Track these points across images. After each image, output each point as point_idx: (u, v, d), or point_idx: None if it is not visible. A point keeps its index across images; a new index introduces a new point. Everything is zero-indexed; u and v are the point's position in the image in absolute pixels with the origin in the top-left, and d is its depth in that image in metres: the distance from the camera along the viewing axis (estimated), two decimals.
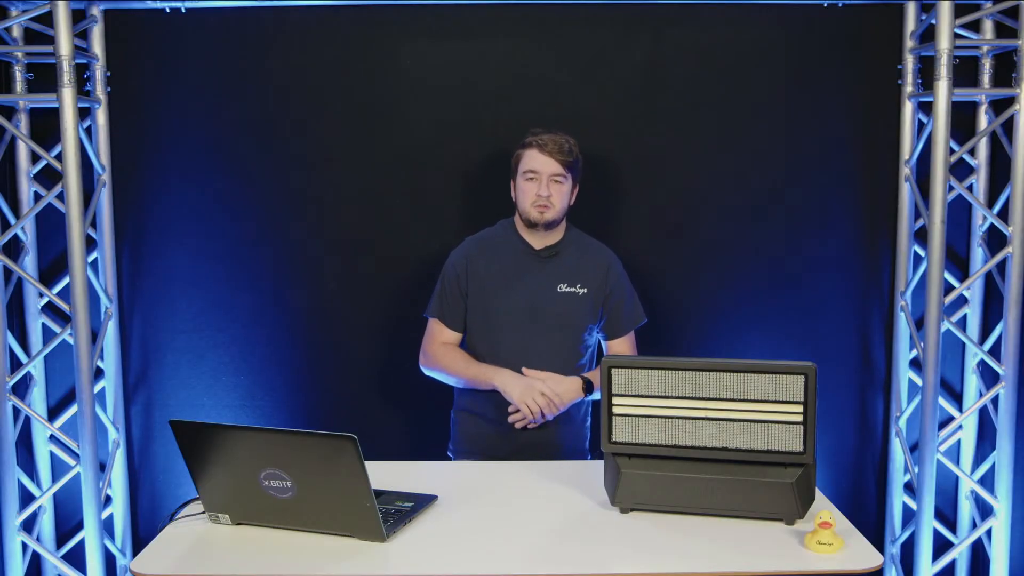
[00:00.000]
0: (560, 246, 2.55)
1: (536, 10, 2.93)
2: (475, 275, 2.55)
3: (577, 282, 2.52)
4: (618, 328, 2.60)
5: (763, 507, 1.80)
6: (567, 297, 2.52)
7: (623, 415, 1.86)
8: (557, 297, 2.52)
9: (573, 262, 2.55)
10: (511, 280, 2.53)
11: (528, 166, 2.47)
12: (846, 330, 3.07)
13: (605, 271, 2.56)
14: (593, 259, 2.57)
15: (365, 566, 1.66)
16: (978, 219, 3.00)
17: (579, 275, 2.53)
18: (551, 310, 2.51)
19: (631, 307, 2.61)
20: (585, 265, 2.55)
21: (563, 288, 2.52)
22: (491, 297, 2.53)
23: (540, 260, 2.53)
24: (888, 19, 2.92)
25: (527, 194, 2.47)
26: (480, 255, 2.56)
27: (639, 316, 2.63)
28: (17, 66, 2.85)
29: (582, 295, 2.52)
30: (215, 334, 3.04)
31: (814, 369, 1.76)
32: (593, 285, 2.54)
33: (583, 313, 2.53)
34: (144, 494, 3.11)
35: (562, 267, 2.53)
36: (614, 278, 2.57)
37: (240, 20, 2.91)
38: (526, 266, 2.53)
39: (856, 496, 3.14)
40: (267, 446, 1.73)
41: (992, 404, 2.94)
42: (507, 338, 2.51)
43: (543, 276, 2.53)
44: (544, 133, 2.48)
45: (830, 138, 2.99)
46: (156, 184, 2.99)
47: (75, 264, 2.68)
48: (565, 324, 2.52)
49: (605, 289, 2.55)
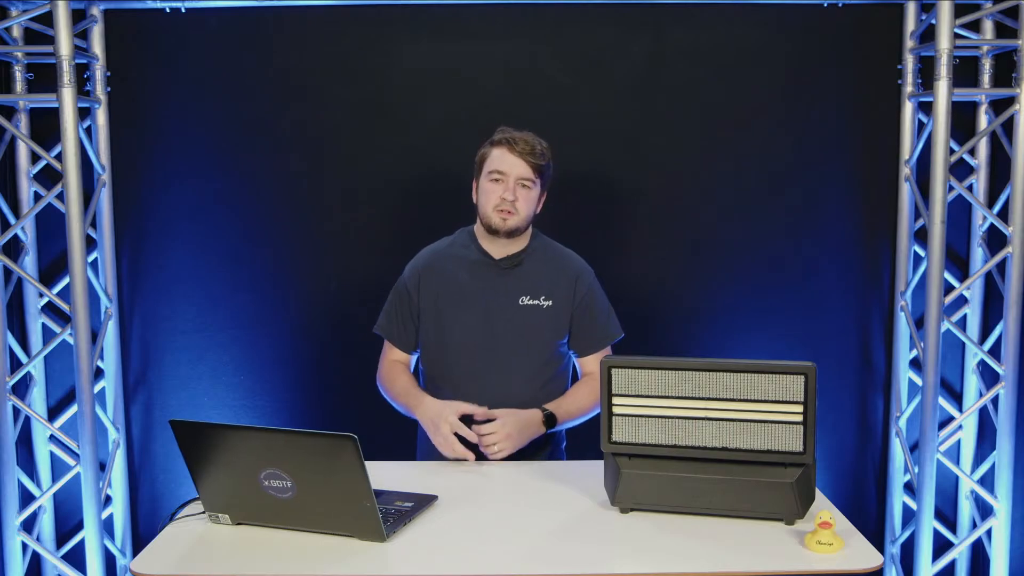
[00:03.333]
0: (523, 255, 2.33)
1: (536, 10, 2.93)
2: (427, 291, 2.34)
3: (541, 294, 2.30)
4: (588, 344, 2.36)
5: (763, 507, 1.80)
6: (529, 311, 2.30)
7: (623, 415, 1.85)
8: (518, 312, 2.30)
9: (537, 272, 2.32)
10: (467, 295, 2.31)
11: (494, 166, 2.26)
12: (846, 330, 3.07)
13: (573, 281, 2.33)
14: (560, 268, 2.34)
15: (365, 566, 1.66)
16: (978, 219, 3.00)
17: (543, 286, 2.31)
18: (511, 327, 2.29)
19: (604, 321, 2.37)
20: (550, 275, 2.33)
21: (525, 301, 2.30)
22: (444, 315, 2.32)
23: (500, 271, 2.31)
24: (888, 19, 2.93)
25: (490, 197, 2.26)
26: (434, 268, 2.35)
27: (614, 331, 2.38)
28: (17, 66, 2.85)
29: (546, 308, 2.30)
30: (215, 334, 3.04)
31: (814, 369, 1.76)
32: (559, 296, 2.31)
33: (548, 328, 2.31)
34: (144, 494, 3.11)
35: (524, 278, 2.31)
36: (583, 289, 2.34)
37: (240, 20, 2.91)
38: (484, 279, 2.31)
39: (856, 496, 3.14)
40: (267, 446, 1.73)
41: (992, 404, 2.94)
42: (462, 360, 2.30)
43: (503, 289, 2.31)
44: (515, 131, 2.29)
45: (830, 138, 2.99)
46: (156, 184, 2.99)
47: (75, 264, 2.68)
48: (527, 341, 2.30)
49: (573, 301, 2.32)
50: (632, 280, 2.97)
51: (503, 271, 2.32)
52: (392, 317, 2.40)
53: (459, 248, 2.38)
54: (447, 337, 2.33)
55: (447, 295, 2.33)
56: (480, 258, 2.34)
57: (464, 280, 2.33)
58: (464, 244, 2.38)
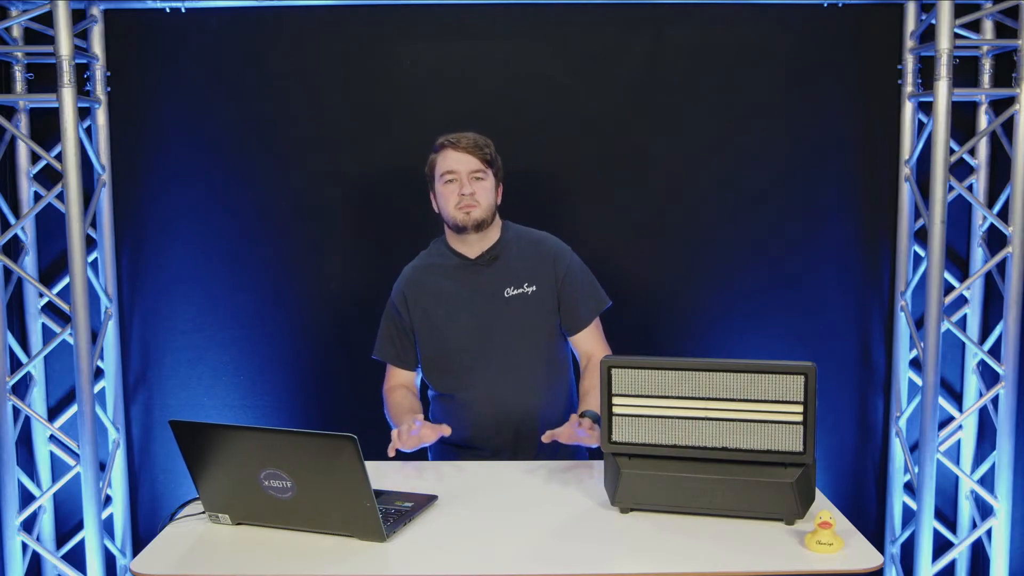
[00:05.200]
0: (498, 248, 2.37)
1: (536, 10, 2.93)
2: (415, 305, 2.38)
3: (524, 281, 2.34)
4: (577, 319, 2.37)
5: (763, 507, 1.80)
6: (516, 300, 2.34)
7: (623, 415, 1.86)
8: (506, 304, 2.34)
9: (516, 262, 2.36)
10: (454, 300, 2.36)
11: (445, 167, 2.32)
12: (846, 330, 3.07)
13: (552, 262, 2.36)
14: (537, 253, 2.38)
15: (365, 566, 1.66)
16: (978, 219, 3.00)
17: (524, 273, 2.35)
18: (502, 319, 2.33)
19: (588, 293, 2.39)
20: (529, 261, 2.36)
21: (510, 292, 2.34)
22: (436, 323, 2.37)
23: (479, 269, 2.36)
24: (888, 19, 2.92)
25: (449, 198, 2.31)
26: (417, 283, 2.40)
27: (600, 301, 2.41)
28: (17, 66, 2.85)
29: (532, 293, 2.34)
30: (215, 334, 3.04)
31: (814, 369, 1.76)
32: (541, 280, 2.35)
33: (539, 313, 2.35)
34: (144, 494, 3.11)
35: (505, 270, 2.35)
36: (563, 268, 2.36)
37: (240, 20, 2.91)
38: (466, 280, 2.36)
39: (856, 496, 3.14)
40: (267, 446, 1.73)
41: (992, 404, 2.94)
42: (463, 363, 2.35)
43: (486, 285, 2.35)
44: (454, 133, 2.36)
45: (830, 138, 2.99)
46: (156, 184, 2.99)
47: (75, 264, 2.68)
48: (521, 330, 2.34)
49: (556, 282, 2.35)
50: (632, 280, 2.97)
51: (482, 268, 2.37)
52: (388, 339, 2.46)
53: (436, 257, 2.44)
54: (444, 344, 2.38)
55: (435, 304, 2.38)
56: (458, 262, 2.39)
57: (447, 286, 2.38)
58: (440, 252, 2.43)
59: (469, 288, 2.37)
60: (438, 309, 2.38)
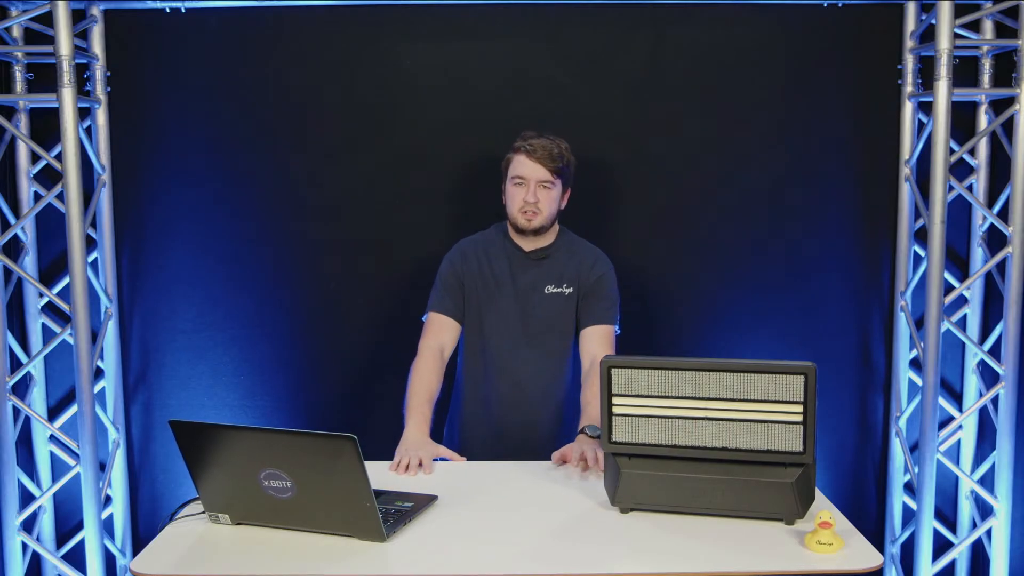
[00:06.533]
0: (550, 249, 2.52)
1: (536, 10, 2.93)
2: (468, 273, 2.52)
3: (564, 282, 2.49)
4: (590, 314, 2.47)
5: (763, 507, 1.80)
6: (554, 298, 2.49)
7: (623, 415, 1.86)
8: (544, 299, 2.49)
9: (561, 264, 2.52)
10: (501, 283, 2.51)
11: (516, 172, 2.43)
12: (846, 330, 3.07)
13: (589, 268, 2.51)
14: (580, 259, 2.53)
15: (365, 566, 1.66)
16: (978, 219, 3.00)
17: (565, 275, 2.50)
18: (539, 310, 2.49)
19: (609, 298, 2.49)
20: (572, 265, 2.51)
21: (551, 289, 2.50)
22: (481, 298, 2.51)
23: (530, 262, 2.51)
24: (888, 19, 2.93)
25: (515, 200, 2.44)
26: (471, 258, 2.54)
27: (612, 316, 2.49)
28: (17, 66, 2.85)
29: (568, 295, 2.49)
30: (215, 334, 3.04)
31: (814, 369, 1.76)
32: (576, 283, 2.50)
33: (569, 312, 2.50)
34: (144, 494, 3.11)
35: (550, 269, 2.51)
36: (595, 275, 2.50)
37: (240, 20, 2.91)
38: (516, 269, 2.51)
39: (856, 496, 3.14)
40: (267, 446, 1.73)
41: (992, 404, 2.94)
42: (498, 344, 2.49)
43: (532, 277, 2.50)
44: (535, 138, 2.42)
45: (830, 138, 2.99)
46: (156, 184, 2.99)
47: (75, 264, 2.68)
48: (552, 326, 2.49)
49: (586, 285, 2.49)
50: (632, 280, 2.97)
51: (532, 262, 2.52)
52: (442, 292, 2.53)
53: (493, 239, 2.57)
54: (483, 317, 2.51)
55: (483, 281, 2.52)
56: (512, 250, 2.53)
57: (498, 268, 2.52)
58: (498, 237, 2.57)
59: (516, 275, 2.51)
60: (485, 285, 2.51)
